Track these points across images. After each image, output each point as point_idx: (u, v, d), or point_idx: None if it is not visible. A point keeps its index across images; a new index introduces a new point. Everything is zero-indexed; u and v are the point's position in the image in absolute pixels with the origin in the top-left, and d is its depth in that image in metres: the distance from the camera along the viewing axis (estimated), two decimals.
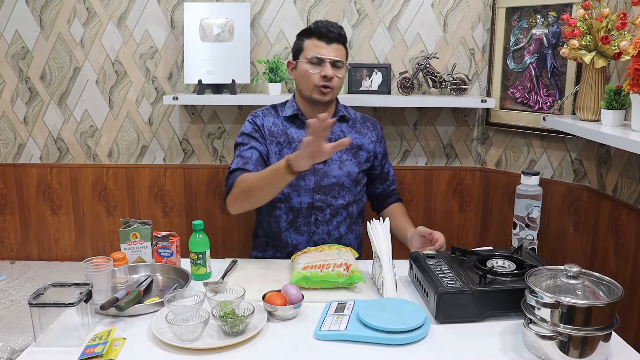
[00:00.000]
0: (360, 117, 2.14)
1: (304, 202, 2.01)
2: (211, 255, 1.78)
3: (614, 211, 2.11)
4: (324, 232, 2.03)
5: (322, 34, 1.94)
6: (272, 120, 2.05)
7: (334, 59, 1.94)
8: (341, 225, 2.05)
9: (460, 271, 1.56)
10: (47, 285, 1.41)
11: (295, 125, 2.04)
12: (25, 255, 2.86)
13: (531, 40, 2.42)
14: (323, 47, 1.94)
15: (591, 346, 1.26)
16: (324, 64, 1.93)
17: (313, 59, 1.94)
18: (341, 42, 1.98)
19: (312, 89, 1.95)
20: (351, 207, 2.07)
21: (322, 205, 2.01)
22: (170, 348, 1.32)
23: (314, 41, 1.96)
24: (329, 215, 2.03)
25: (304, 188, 2.00)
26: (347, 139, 1.67)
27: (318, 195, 2.00)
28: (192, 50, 2.54)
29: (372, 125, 2.13)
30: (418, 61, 2.56)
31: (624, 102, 1.88)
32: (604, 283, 1.33)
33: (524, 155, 2.56)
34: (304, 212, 2.01)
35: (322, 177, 2.00)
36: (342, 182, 2.02)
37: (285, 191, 2.01)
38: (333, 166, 2.02)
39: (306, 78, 1.96)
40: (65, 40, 2.64)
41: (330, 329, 1.39)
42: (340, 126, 2.06)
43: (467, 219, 2.80)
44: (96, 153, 2.77)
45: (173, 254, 1.78)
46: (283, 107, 2.09)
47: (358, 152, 2.06)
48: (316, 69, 1.94)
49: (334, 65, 1.94)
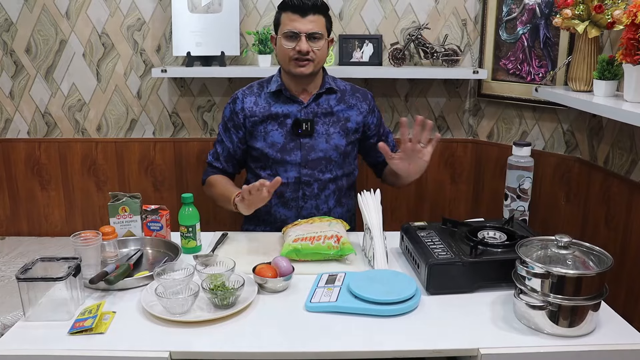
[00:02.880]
0: (350, 89, 2.09)
1: (291, 177, 1.99)
2: (202, 228, 1.78)
3: (605, 182, 2.12)
4: (312, 207, 2.02)
5: (295, 6, 1.87)
6: (254, 99, 2.02)
7: (309, 32, 1.88)
8: (330, 199, 2.04)
9: (451, 242, 1.56)
10: (35, 260, 1.40)
11: (280, 101, 2.00)
12: (15, 231, 2.84)
13: (524, 10, 2.39)
14: (297, 19, 1.87)
15: (580, 316, 1.26)
16: (299, 38, 1.87)
17: (288, 33, 1.89)
18: (319, 12, 1.90)
19: (289, 62, 1.91)
20: (340, 181, 2.05)
21: (310, 180, 2.00)
22: (160, 321, 1.32)
23: (288, 15, 1.89)
24: (317, 190, 2.01)
25: (290, 163, 1.98)
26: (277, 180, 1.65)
27: (305, 170, 1.99)
28: (180, 22, 2.50)
29: (362, 96, 2.08)
30: (409, 32, 2.53)
31: (617, 73, 1.87)
32: (594, 253, 1.34)
33: (515, 126, 2.55)
34: (292, 187, 2.00)
35: (309, 151, 1.98)
36: (329, 156, 1.99)
37: (273, 166, 2.00)
38: (319, 140, 1.99)
39: (283, 53, 1.92)
40: (50, 12, 2.58)
41: (321, 301, 1.39)
42: (327, 98, 2.02)
43: (459, 190, 2.80)
44: (85, 127, 2.74)
45: (163, 227, 1.77)
46: (269, 82, 2.05)
47: (346, 125, 2.02)
48: (291, 43, 1.89)
49: (311, 38, 1.88)
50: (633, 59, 1.69)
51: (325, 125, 2.00)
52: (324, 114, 2.00)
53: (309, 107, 1.99)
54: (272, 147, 1.98)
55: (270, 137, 1.98)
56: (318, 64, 1.94)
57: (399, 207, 2.81)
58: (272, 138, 1.98)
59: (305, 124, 1.96)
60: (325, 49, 1.96)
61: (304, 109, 1.98)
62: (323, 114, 2.00)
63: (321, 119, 1.99)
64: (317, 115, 1.99)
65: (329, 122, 2.00)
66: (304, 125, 1.96)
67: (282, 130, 1.98)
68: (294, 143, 1.98)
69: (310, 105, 1.99)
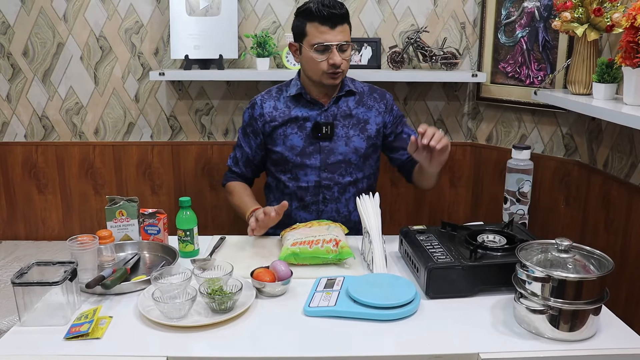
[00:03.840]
0: (368, 90, 2.07)
1: (311, 180, 1.98)
2: (200, 232, 1.77)
3: (604, 185, 2.11)
4: (332, 210, 2.02)
5: (324, 17, 1.80)
6: (273, 103, 2.01)
7: (339, 43, 1.84)
8: (350, 203, 2.03)
9: (450, 246, 1.55)
10: (30, 264, 1.39)
11: (300, 104, 1.99)
12: (12, 235, 2.82)
13: (523, 14, 2.38)
14: (327, 32, 1.82)
15: (581, 320, 1.25)
16: (331, 50, 1.83)
17: (319, 47, 1.84)
18: (346, 21, 1.87)
19: (321, 75, 1.88)
20: (361, 183, 2.04)
21: (330, 184, 1.99)
22: (157, 326, 1.31)
23: (316, 26, 1.83)
24: (337, 193, 2.00)
25: (310, 167, 1.98)
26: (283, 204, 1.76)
27: (325, 174, 1.98)
28: (178, 25, 2.49)
29: (379, 96, 2.06)
30: (408, 35, 2.53)
31: (616, 75, 1.87)
32: (594, 257, 1.33)
33: (514, 130, 2.54)
34: (312, 190, 1.99)
35: (328, 154, 1.97)
36: (348, 159, 1.98)
37: (293, 170, 1.99)
38: (339, 143, 1.98)
39: (313, 65, 1.88)
40: (48, 15, 2.57)
41: (320, 305, 1.38)
42: (346, 101, 2.01)
43: (458, 194, 2.79)
44: (82, 131, 2.73)
45: (160, 231, 1.76)
46: (288, 86, 2.04)
47: (365, 127, 2.01)
48: (323, 56, 1.84)
49: (341, 49, 1.85)
50: (632, 62, 1.69)
51: (344, 128, 1.99)
52: (343, 117, 1.99)
53: (329, 110, 1.98)
54: (292, 151, 1.97)
55: (290, 140, 1.97)
56: (345, 73, 1.94)
57: (398, 211, 2.80)
58: (292, 142, 1.97)
59: (325, 127, 1.95)
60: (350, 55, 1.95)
61: (324, 112, 1.97)
62: (342, 116, 1.99)
63: (341, 121, 1.98)
64: (336, 118, 1.98)
65: (348, 124, 1.99)
66: (323, 128, 1.95)
67: (302, 134, 1.97)
68: (314, 147, 1.97)
69: (330, 109, 1.98)
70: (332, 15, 1.81)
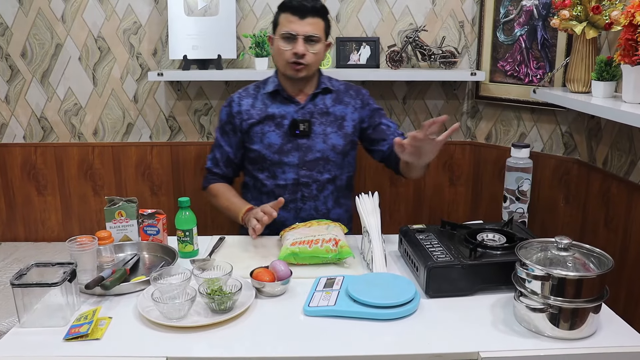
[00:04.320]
0: (345, 87, 2.08)
1: (289, 178, 1.98)
2: (199, 232, 1.77)
3: (604, 183, 2.11)
4: (311, 208, 2.01)
5: (294, 7, 1.87)
6: (251, 101, 2.01)
7: (306, 34, 1.87)
8: (328, 200, 2.03)
9: (450, 245, 1.55)
10: (30, 266, 1.38)
11: (277, 102, 1.99)
12: (11, 237, 2.82)
13: (521, 12, 2.38)
14: (295, 22, 1.87)
15: (581, 318, 1.25)
16: (296, 40, 1.87)
17: (286, 35, 1.88)
18: (318, 15, 1.90)
19: (285, 65, 1.91)
20: (339, 180, 2.04)
21: (308, 181, 1.99)
22: (156, 326, 1.31)
23: (287, 16, 1.89)
24: (316, 191, 2.00)
25: (288, 164, 1.97)
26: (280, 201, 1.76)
27: (303, 171, 1.98)
28: (176, 25, 2.49)
29: (355, 93, 2.07)
30: (407, 34, 2.52)
31: (615, 73, 1.87)
32: (594, 255, 1.33)
33: (514, 128, 2.54)
34: (290, 188, 1.99)
35: (306, 152, 1.97)
36: (327, 156, 1.98)
37: (270, 168, 1.99)
38: (317, 140, 1.98)
39: (279, 54, 1.92)
40: (46, 15, 2.57)
41: (319, 305, 1.38)
42: (323, 98, 2.02)
43: (458, 193, 2.79)
44: (81, 132, 2.72)
45: (159, 231, 1.75)
46: (265, 83, 2.05)
47: (342, 124, 2.02)
48: (288, 45, 1.88)
49: (308, 40, 1.88)
50: (631, 60, 1.68)
51: (322, 126, 1.99)
52: (320, 114, 1.99)
53: (306, 108, 1.98)
54: (269, 149, 1.97)
55: (267, 138, 1.97)
56: (313, 68, 1.94)
57: (397, 210, 2.80)
58: (269, 139, 1.97)
59: (302, 125, 1.95)
60: (322, 52, 1.95)
61: (301, 110, 1.98)
62: (320, 114, 1.99)
63: (318, 119, 1.99)
64: (314, 116, 1.98)
65: (326, 122, 1.99)
66: (301, 125, 1.95)
67: (279, 132, 1.97)
68: (292, 144, 1.97)
69: (307, 106, 1.98)
70: (302, 7, 1.87)
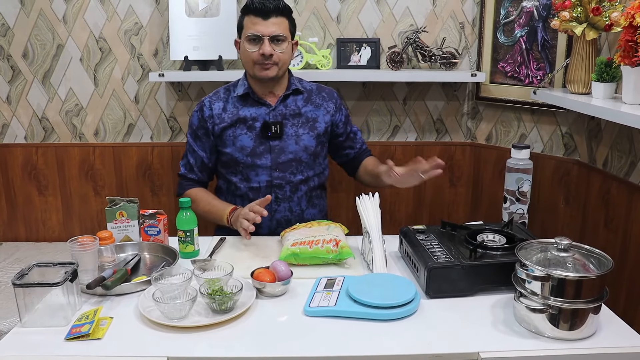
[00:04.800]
0: (316, 88, 2.09)
1: (262, 180, 1.99)
2: (200, 233, 1.77)
3: (604, 184, 2.11)
4: (285, 210, 2.02)
5: (257, 9, 1.87)
6: (222, 105, 2.02)
7: (271, 34, 1.88)
8: (302, 201, 2.04)
9: (450, 246, 1.56)
10: (31, 265, 1.39)
11: (248, 104, 2.00)
12: (12, 237, 2.82)
13: (521, 13, 2.39)
14: (259, 23, 1.88)
15: (581, 318, 1.26)
16: (262, 41, 1.87)
17: (251, 36, 1.89)
18: (282, 14, 1.91)
19: (253, 66, 1.92)
20: (312, 181, 2.05)
21: (281, 182, 1.99)
22: (157, 326, 1.31)
23: (250, 18, 1.90)
24: (289, 192, 2.01)
25: (261, 167, 1.98)
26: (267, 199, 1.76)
27: (276, 173, 1.98)
28: (177, 26, 2.50)
29: (328, 95, 2.08)
30: (407, 35, 2.53)
31: (615, 75, 1.87)
32: (594, 255, 1.33)
33: (514, 129, 2.55)
34: (264, 190, 1.99)
35: (279, 154, 1.98)
36: (299, 158, 1.99)
37: (243, 171, 1.99)
38: (289, 142, 1.99)
39: (247, 57, 1.92)
40: (47, 16, 2.58)
41: (320, 305, 1.38)
42: (294, 100, 2.03)
43: (458, 194, 2.79)
44: (82, 132, 2.73)
45: (160, 232, 1.76)
46: (235, 86, 2.05)
47: (314, 125, 2.03)
48: (254, 46, 1.89)
49: (274, 40, 1.89)
50: (631, 61, 1.69)
51: (294, 127, 2.00)
52: (292, 116, 2.01)
53: (277, 110, 1.99)
54: (242, 152, 1.98)
55: (239, 141, 1.98)
56: (282, 67, 1.94)
57: (397, 211, 2.80)
58: (241, 142, 1.98)
59: (274, 127, 1.96)
60: (290, 51, 1.96)
61: (272, 112, 1.99)
62: (291, 115, 2.00)
63: (290, 120, 2.00)
64: (285, 117, 1.99)
65: (297, 123, 2.00)
66: (273, 128, 1.96)
67: (251, 134, 1.98)
68: (264, 146, 1.98)
69: (278, 108, 2.00)
70: (265, 7, 1.87)
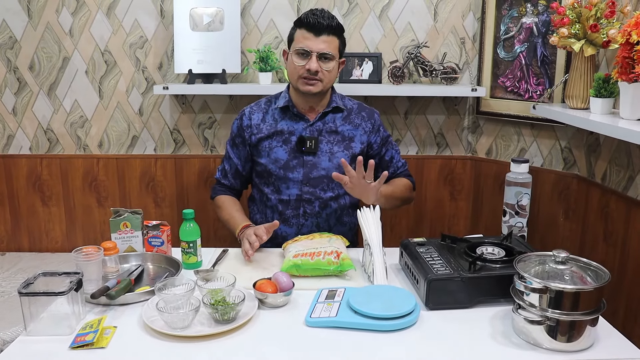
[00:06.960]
0: (357, 107, 2.09)
1: (292, 194, 2.00)
2: (203, 244, 1.79)
3: (603, 198, 2.13)
4: (313, 225, 2.03)
5: (310, 24, 1.87)
6: (261, 116, 2.04)
7: (320, 51, 1.88)
8: (330, 218, 2.04)
9: (450, 258, 1.57)
10: (37, 275, 1.41)
11: (287, 117, 2.01)
12: (15, 247, 2.84)
13: (521, 29, 2.42)
14: (310, 38, 1.88)
15: (579, 330, 1.27)
16: (310, 56, 1.88)
17: (300, 51, 1.90)
18: (334, 33, 1.90)
19: (297, 80, 1.92)
20: (342, 199, 2.05)
21: (311, 198, 2.01)
22: (161, 336, 1.33)
23: (302, 32, 1.90)
24: (318, 208, 2.02)
25: (292, 180, 2.00)
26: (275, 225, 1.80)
27: (306, 188, 2.00)
28: (182, 40, 2.53)
29: (367, 115, 2.08)
30: (409, 50, 2.56)
31: (613, 90, 1.90)
32: (591, 268, 1.35)
33: (514, 143, 2.57)
34: (293, 204, 2.01)
35: (311, 169, 1.99)
36: (331, 175, 2.00)
37: (275, 183, 2.01)
38: (323, 158, 2.00)
39: (292, 69, 1.93)
40: (54, 29, 2.62)
41: (321, 316, 1.40)
42: (334, 117, 2.03)
43: (458, 207, 2.81)
44: (86, 144, 2.75)
45: (164, 243, 1.78)
46: (276, 98, 2.07)
47: (350, 144, 2.03)
48: (302, 61, 1.90)
49: (322, 58, 1.89)
50: (628, 77, 1.71)
51: (329, 144, 2.01)
52: (328, 133, 2.01)
53: (315, 125, 2.00)
54: (275, 163, 1.99)
55: (274, 153, 2.00)
56: (326, 85, 1.95)
57: (398, 224, 2.82)
58: (276, 154, 1.99)
59: (309, 142, 1.97)
60: (336, 70, 1.97)
61: (310, 127, 2.00)
62: (328, 132, 2.01)
63: (326, 137, 2.01)
64: (321, 134, 2.00)
65: (333, 140, 2.01)
66: (308, 142, 1.97)
67: (286, 147, 1.99)
68: (297, 160, 1.99)
69: (316, 123, 2.00)
70: (318, 24, 1.87)
